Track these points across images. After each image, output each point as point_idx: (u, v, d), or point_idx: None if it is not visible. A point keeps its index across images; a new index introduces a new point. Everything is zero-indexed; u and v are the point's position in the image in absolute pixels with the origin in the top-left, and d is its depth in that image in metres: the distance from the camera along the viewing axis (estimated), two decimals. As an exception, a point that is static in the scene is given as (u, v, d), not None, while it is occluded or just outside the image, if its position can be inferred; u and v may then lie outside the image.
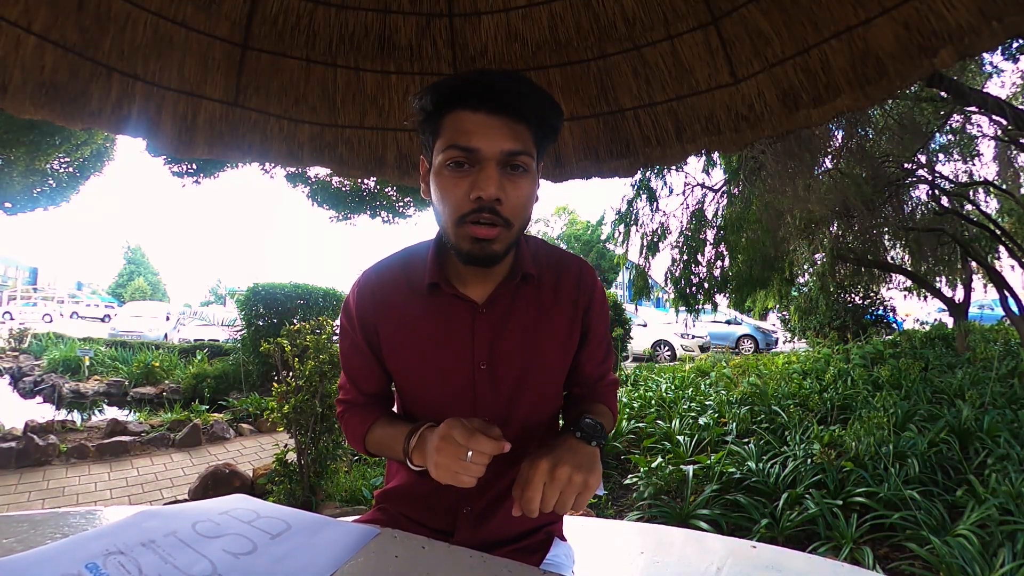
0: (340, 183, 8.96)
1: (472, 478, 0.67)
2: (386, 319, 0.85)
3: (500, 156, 0.70)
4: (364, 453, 0.90)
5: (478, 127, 0.70)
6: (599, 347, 0.92)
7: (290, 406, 3.23)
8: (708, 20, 1.48)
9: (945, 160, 7.08)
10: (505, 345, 0.82)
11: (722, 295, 7.90)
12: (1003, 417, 3.40)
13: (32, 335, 11.86)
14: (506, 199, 0.71)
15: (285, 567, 0.60)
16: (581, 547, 1.07)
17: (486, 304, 0.82)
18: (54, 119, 1.30)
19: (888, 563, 2.22)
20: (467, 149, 0.70)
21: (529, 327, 0.83)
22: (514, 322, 0.83)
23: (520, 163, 0.72)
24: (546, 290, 0.86)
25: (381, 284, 0.86)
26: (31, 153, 7.32)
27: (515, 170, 0.72)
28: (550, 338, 0.85)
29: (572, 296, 0.86)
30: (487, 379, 0.82)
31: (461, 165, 0.71)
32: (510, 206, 0.72)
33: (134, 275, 40.00)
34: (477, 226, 0.71)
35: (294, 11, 1.57)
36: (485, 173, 0.70)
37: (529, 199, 0.75)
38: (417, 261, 0.86)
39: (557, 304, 0.85)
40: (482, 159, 0.70)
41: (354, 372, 0.91)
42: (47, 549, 0.58)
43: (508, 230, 0.73)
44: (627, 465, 3.53)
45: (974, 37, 1.13)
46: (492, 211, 0.71)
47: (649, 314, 13.66)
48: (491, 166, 0.70)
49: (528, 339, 0.83)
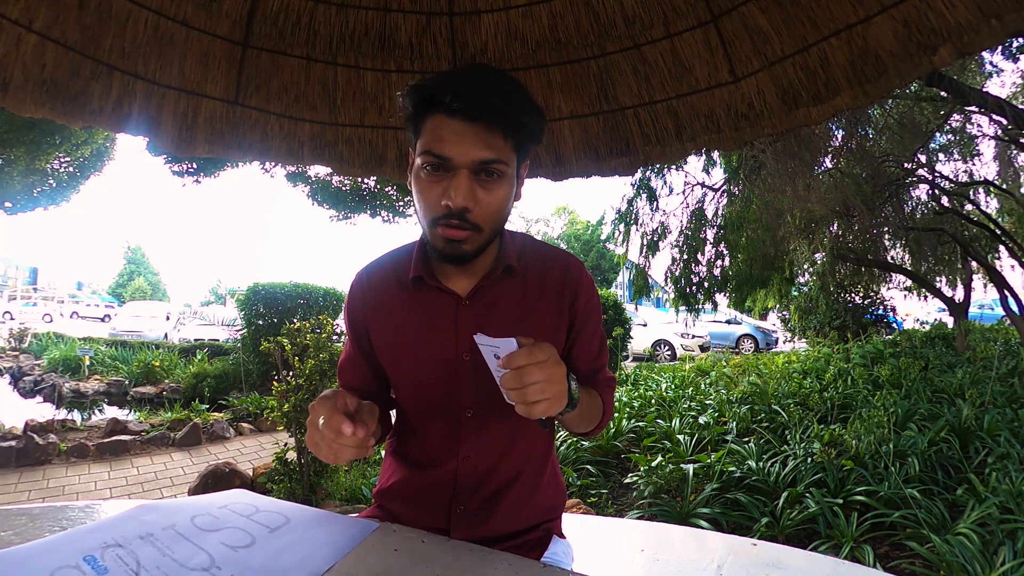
0: (340, 182, 8.96)
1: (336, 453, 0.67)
2: (375, 317, 0.88)
3: (472, 165, 0.71)
4: None
5: (452, 134, 0.70)
6: (590, 342, 0.92)
7: (290, 405, 3.23)
8: (708, 18, 1.48)
9: (945, 160, 7.09)
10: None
11: (722, 294, 7.89)
12: (1003, 416, 3.40)
13: (32, 335, 11.86)
14: (476, 206, 0.73)
15: (283, 560, 0.60)
16: (582, 545, 1.08)
17: (469, 296, 0.84)
18: (55, 117, 1.31)
19: (888, 562, 2.22)
20: (440, 157, 0.71)
21: (513, 319, 0.84)
22: (498, 314, 0.84)
23: (494, 170, 0.73)
24: (532, 284, 0.87)
25: (371, 283, 0.90)
26: (31, 153, 7.33)
27: (489, 176, 0.73)
28: (535, 331, 0.85)
29: (558, 289, 0.87)
30: (471, 370, 0.83)
31: (436, 169, 0.72)
32: (480, 213, 0.74)
33: (134, 275, 40.03)
34: (448, 228, 0.73)
35: (295, 9, 1.57)
36: (456, 182, 0.71)
37: (503, 204, 0.77)
38: (405, 258, 0.89)
39: (543, 297, 0.87)
40: (454, 167, 0.71)
41: (343, 365, 0.95)
42: (45, 542, 0.58)
43: (479, 233, 0.75)
44: (627, 464, 3.53)
45: (973, 35, 1.13)
46: (461, 217, 0.73)
47: (649, 314, 13.66)
48: (462, 175, 0.71)
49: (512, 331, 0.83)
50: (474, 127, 0.70)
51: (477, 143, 0.71)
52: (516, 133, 0.74)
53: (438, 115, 0.71)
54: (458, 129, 0.70)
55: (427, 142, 0.72)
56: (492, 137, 0.71)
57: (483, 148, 0.71)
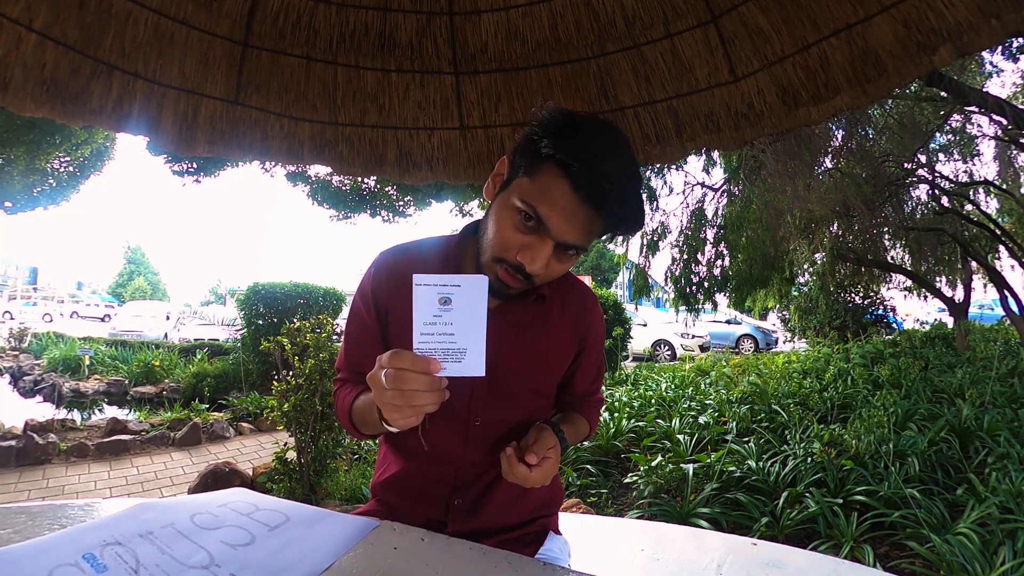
0: (340, 182, 8.96)
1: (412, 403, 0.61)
2: (399, 300, 0.85)
3: (564, 243, 0.71)
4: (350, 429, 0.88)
5: (565, 207, 0.68)
6: (591, 368, 0.97)
7: (290, 404, 3.23)
8: (708, 18, 1.48)
9: (945, 160, 7.08)
10: (508, 353, 0.84)
11: (722, 294, 7.88)
12: (1003, 416, 3.40)
13: (32, 334, 11.85)
14: (544, 273, 0.74)
15: (283, 558, 0.60)
16: (581, 544, 1.08)
17: (497, 310, 0.83)
18: (55, 117, 1.31)
19: (888, 561, 2.22)
20: (541, 219, 0.69)
21: (532, 339, 0.86)
22: (519, 333, 0.85)
23: (577, 251, 0.74)
24: (553, 308, 0.89)
25: (399, 265, 0.87)
26: (31, 152, 7.32)
27: (568, 251, 0.73)
28: (549, 352, 0.88)
29: (575, 319, 0.90)
30: (486, 382, 0.82)
31: (529, 220, 0.70)
32: (543, 277, 0.75)
33: (134, 275, 40.01)
34: (508, 275, 0.74)
35: (295, 9, 1.57)
36: (541, 250, 0.70)
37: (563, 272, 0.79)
38: (436, 252, 0.88)
39: (561, 323, 0.89)
40: (547, 235, 0.70)
41: (355, 352, 0.91)
42: (44, 540, 0.58)
43: (530, 284, 0.76)
44: (627, 464, 3.53)
45: (973, 35, 1.13)
46: (524, 274, 0.73)
47: (649, 314, 13.65)
48: (549, 246, 0.71)
49: (529, 349, 0.86)
50: (586, 211, 0.69)
51: (580, 228, 0.70)
52: (614, 228, 0.75)
53: (562, 177, 0.68)
54: (572, 204, 0.68)
55: (537, 195, 0.69)
56: (594, 225, 0.71)
57: (582, 235, 0.71)
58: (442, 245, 0.89)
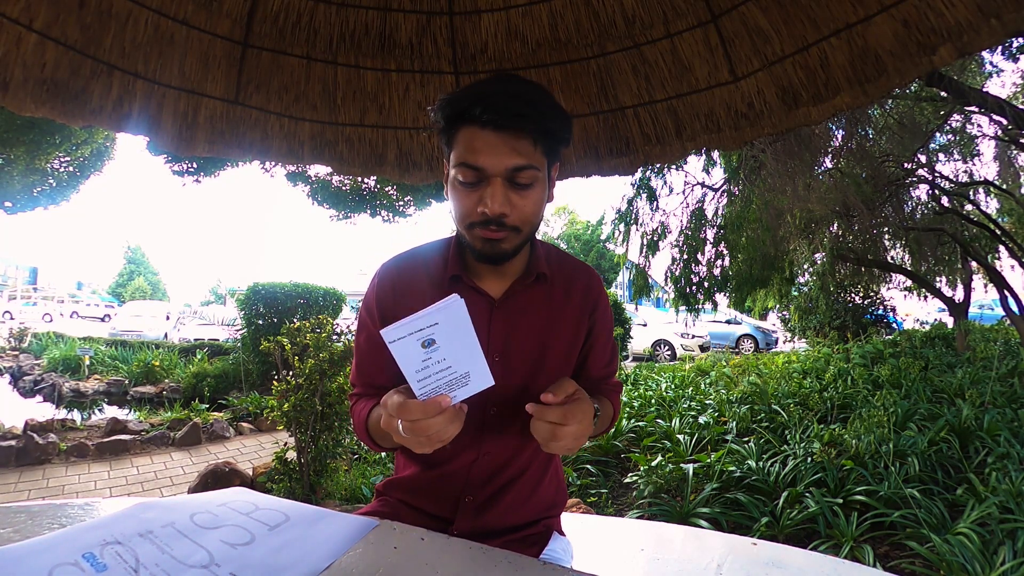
0: (340, 182, 8.96)
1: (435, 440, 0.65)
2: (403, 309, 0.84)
3: (505, 172, 0.74)
4: (369, 444, 0.89)
5: (484, 145, 0.73)
6: (604, 350, 0.97)
7: (290, 404, 3.23)
8: (708, 18, 1.48)
9: (945, 160, 7.08)
10: (518, 340, 0.85)
11: (722, 294, 7.89)
12: (1003, 416, 3.40)
13: (32, 334, 11.85)
14: (512, 211, 0.76)
15: (283, 558, 0.60)
16: (582, 544, 1.08)
17: (502, 299, 0.86)
18: (55, 117, 1.30)
19: (888, 561, 2.22)
20: (474, 167, 0.74)
21: (540, 325, 0.87)
22: (527, 319, 0.86)
23: (526, 175, 0.75)
24: (558, 291, 0.90)
25: (401, 275, 0.90)
26: (31, 152, 7.33)
27: (522, 182, 0.76)
28: (558, 337, 0.88)
29: (581, 299, 0.92)
30: (500, 372, 0.83)
31: (471, 179, 0.75)
32: (516, 216, 0.77)
33: (134, 275, 39.99)
34: (485, 230, 0.77)
35: (295, 9, 1.57)
36: (491, 191, 0.74)
37: (536, 207, 0.80)
38: (434, 256, 0.90)
39: (567, 306, 0.90)
40: (488, 176, 0.74)
41: (367, 365, 0.92)
42: (44, 539, 0.58)
43: (516, 233, 0.78)
44: (627, 463, 3.53)
45: (973, 35, 1.13)
46: (498, 222, 0.76)
47: (649, 314, 13.66)
48: (497, 183, 0.74)
49: (539, 336, 0.87)
50: (504, 136, 0.73)
51: (508, 151, 0.73)
52: (545, 138, 0.76)
53: (469, 127, 0.74)
54: (489, 140, 0.73)
55: (460, 154, 0.75)
56: (522, 144, 0.74)
57: (514, 156, 0.74)
58: (442, 246, 0.91)
